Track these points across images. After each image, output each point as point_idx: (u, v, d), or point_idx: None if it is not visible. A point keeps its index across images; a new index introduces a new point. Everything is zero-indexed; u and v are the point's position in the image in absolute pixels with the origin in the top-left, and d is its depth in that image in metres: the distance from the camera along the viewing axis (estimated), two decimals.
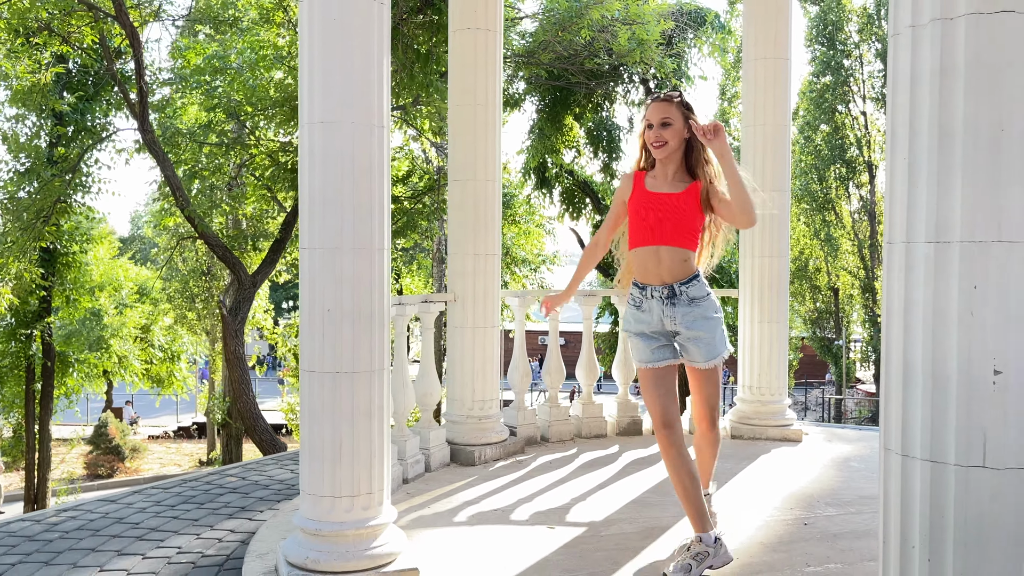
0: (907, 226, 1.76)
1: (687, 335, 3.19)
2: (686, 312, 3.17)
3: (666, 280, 3.17)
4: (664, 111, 3.14)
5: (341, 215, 3.01)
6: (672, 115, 3.13)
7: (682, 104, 3.16)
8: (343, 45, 2.99)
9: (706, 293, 3.20)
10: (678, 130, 3.13)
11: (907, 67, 1.76)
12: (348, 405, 3.02)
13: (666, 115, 3.13)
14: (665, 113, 3.13)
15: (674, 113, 3.13)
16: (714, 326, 3.19)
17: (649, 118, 3.18)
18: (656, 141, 3.14)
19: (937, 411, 1.71)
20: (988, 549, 1.66)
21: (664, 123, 3.14)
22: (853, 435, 5.97)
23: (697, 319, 3.16)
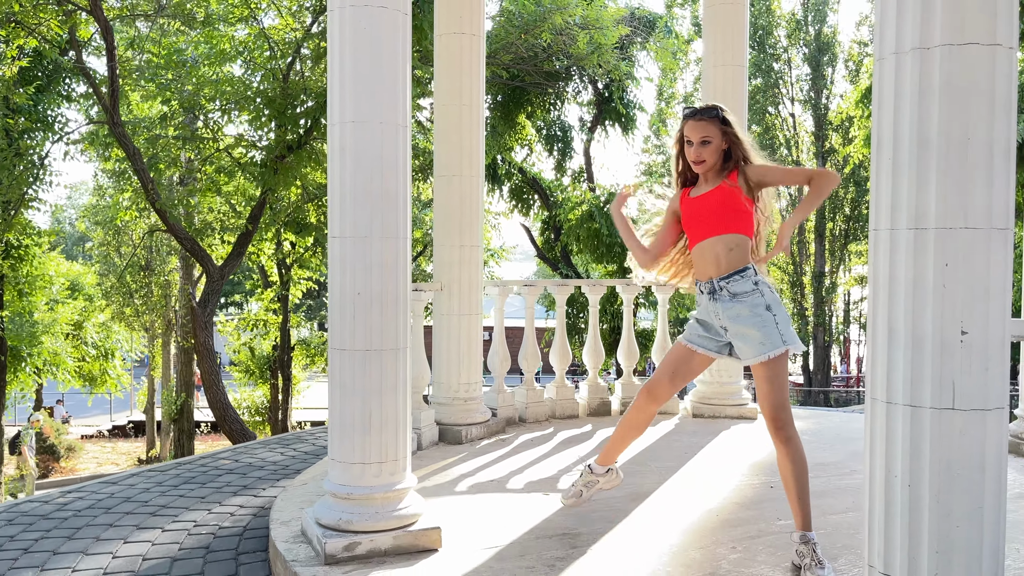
0: (891, 216, 2.16)
1: (732, 331, 3.16)
2: (728, 308, 3.14)
3: (711, 275, 3.17)
4: (704, 130, 3.16)
5: (371, 206, 3.29)
6: (711, 133, 3.16)
7: (720, 120, 3.18)
8: (372, 52, 3.28)
9: (750, 288, 3.11)
10: (717, 146, 3.17)
11: (891, 87, 2.16)
12: (377, 380, 3.31)
13: (705, 134, 3.16)
14: (704, 132, 3.16)
15: (712, 131, 3.16)
16: (760, 324, 3.08)
17: (688, 136, 3.20)
18: (697, 159, 3.17)
19: (915, 365, 2.11)
20: (956, 474, 2.07)
21: (704, 141, 3.16)
22: (802, 413, 6.50)
23: (741, 315, 3.11)
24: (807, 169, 3.21)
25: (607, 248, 13.18)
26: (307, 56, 9.47)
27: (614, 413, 6.32)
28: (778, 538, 3.47)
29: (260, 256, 13.69)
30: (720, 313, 3.18)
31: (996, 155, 2.07)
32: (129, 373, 28.85)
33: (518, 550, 3.33)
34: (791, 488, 3.15)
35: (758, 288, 3.13)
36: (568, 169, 15.28)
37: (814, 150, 30.08)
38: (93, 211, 20.35)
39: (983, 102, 2.05)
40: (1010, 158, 2.10)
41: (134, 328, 23.69)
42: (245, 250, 9.97)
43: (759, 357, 3.08)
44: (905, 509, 2.14)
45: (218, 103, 9.59)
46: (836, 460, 4.91)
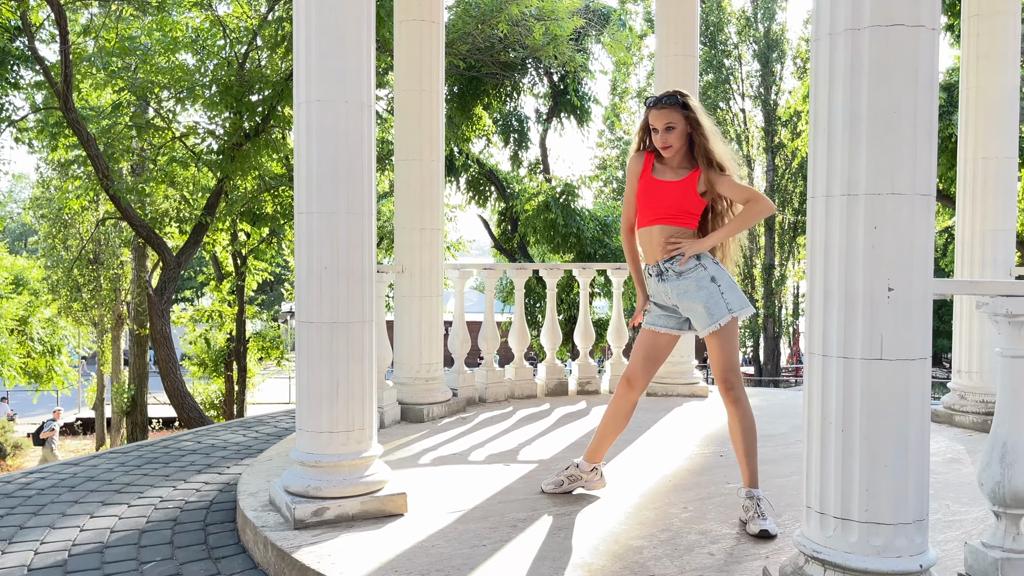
0: (826, 184, 2.35)
1: (683, 308, 3.39)
2: (675, 286, 3.37)
3: (657, 258, 3.41)
4: (667, 116, 3.33)
5: (336, 183, 3.40)
6: (675, 119, 3.33)
7: (682, 106, 3.35)
8: (337, 31, 3.38)
9: (693, 264, 3.34)
10: (681, 131, 3.35)
11: (826, 65, 2.35)
12: (343, 351, 3.42)
13: (669, 120, 3.33)
14: (668, 119, 3.33)
15: (676, 116, 3.33)
16: (706, 296, 3.31)
17: (654, 124, 3.36)
18: (663, 145, 3.35)
19: (849, 321, 2.31)
20: (884, 418, 2.27)
21: (668, 127, 3.34)
22: (750, 391, 6.75)
23: (688, 291, 3.34)
24: (749, 190, 3.40)
25: (563, 238, 13.39)
26: (263, 45, 9.44)
27: (571, 393, 6.50)
28: (727, 499, 3.67)
29: (215, 246, 13.60)
30: (669, 292, 3.42)
31: (919, 128, 2.27)
32: (77, 370, 28.28)
33: (481, 513, 3.47)
34: (739, 447, 3.38)
35: (700, 262, 3.37)
36: (524, 160, 15.45)
37: (764, 144, 30.74)
38: (37, 203, 19.87)
39: (908, 79, 2.25)
40: (932, 131, 2.30)
41: (82, 323, 23.23)
42: (202, 238, 9.92)
43: (710, 328, 3.33)
44: (839, 452, 2.33)
45: (171, 91, 9.52)
46: (782, 432, 5.15)
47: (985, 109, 5.25)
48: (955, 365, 5.43)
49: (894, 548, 2.26)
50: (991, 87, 5.23)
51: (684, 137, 3.38)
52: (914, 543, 2.28)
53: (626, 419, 3.65)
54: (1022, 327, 2.42)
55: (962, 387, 5.37)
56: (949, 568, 2.74)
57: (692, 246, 3.37)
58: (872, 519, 2.28)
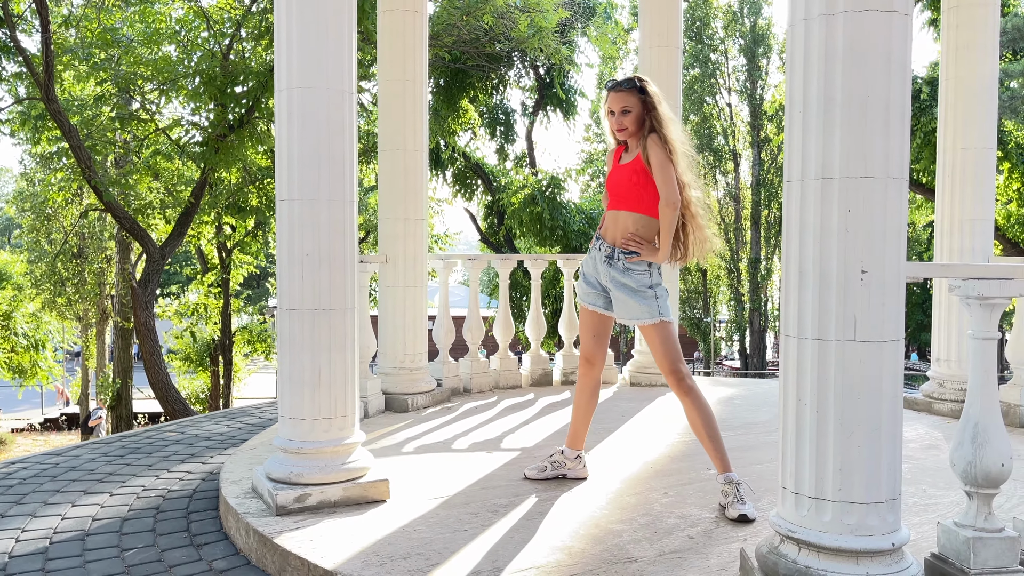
0: (802, 167, 2.38)
1: (613, 295, 3.54)
2: (616, 275, 3.48)
3: (616, 242, 3.50)
4: (623, 100, 3.44)
5: (318, 170, 3.40)
6: (630, 102, 3.43)
7: (638, 90, 3.44)
8: (319, 17, 3.38)
9: (644, 268, 3.44)
10: (637, 115, 3.44)
11: (801, 50, 2.37)
12: (326, 338, 3.43)
13: (624, 103, 3.44)
14: (624, 102, 3.44)
15: (632, 100, 3.43)
16: (639, 299, 3.44)
17: (610, 106, 3.48)
18: (618, 128, 3.47)
19: (823, 302, 2.34)
20: (857, 398, 2.30)
21: (624, 111, 3.45)
22: (734, 381, 6.81)
23: (626, 286, 3.46)
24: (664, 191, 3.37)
25: (549, 231, 13.41)
26: (247, 36, 9.38)
27: (555, 383, 6.52)
28: (707, 484, 3.71)
29: (200, 240, 13.53)
30: (608, 275, 3.52)
31: (892, 112, 2.29)
32: (61, 365, 28.09)
33: (463, 499, 3.49)
34: (702, 435, 3.45)
35: (648, 269, 3.48)
36: (511, 154, 15.45)
37: (750, 139, 30.87)
38: (20, 197, 19.72)
39: (881, 64, 2.27)
40: (905, 115, 2.33)
41: (66, 317, 23.08)
42: (186, 229, 9.86)
43: (636, 321, 3.48)
44: (813, 432, 2.36)
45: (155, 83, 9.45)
46: (763, 420, 5.20)
47: (964, 100, 5.30)
48: (934, 354, 5.49)
49: (867, 527, 2.30)
50: (970, 78, 5.28)
51: (639, 121, 3.46)
52: (886, 522, 2.32)
53: (594, 396, 3.74)
54: (992, 309, 2.45)
55: (941, 375, 5.44)
56: (924, 549, 2.78)
57: (649, 254, 3.46)
58: (845, 498, 2.31)
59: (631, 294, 3.46)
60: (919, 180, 15.35)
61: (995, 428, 2.45)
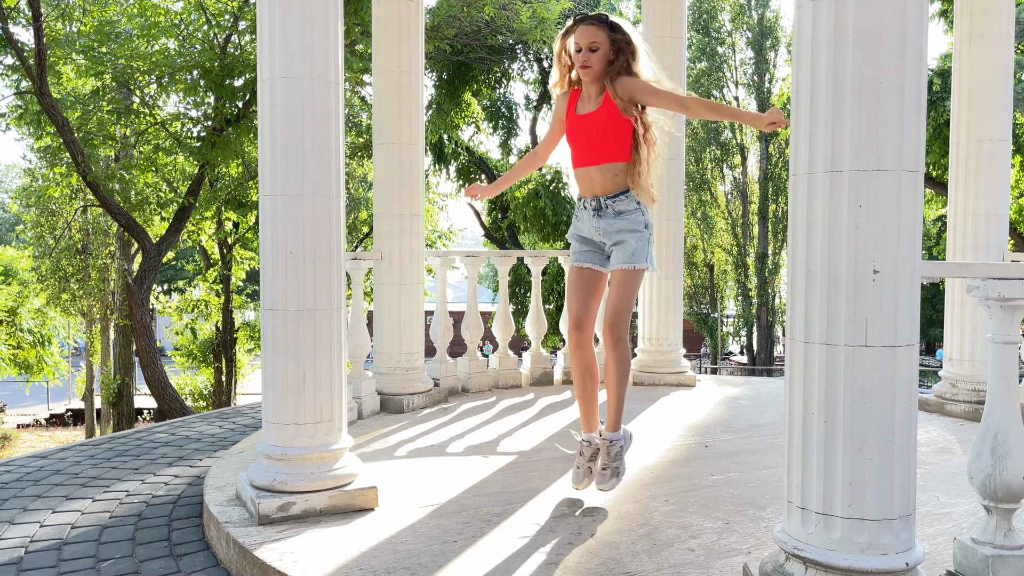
0: (809, 160, 2.22)
1: (611, 243, 3.32)
2: (610, 223, 3.29)
3: (597, 193, 3.31)
4: (593, 35, 3.19)
5: (302, 164, 3.25)
6: (600, 39, 3.19)
7: (609, 27, 3.22)
8: (302, 4, 3.22)
9: (634, 207, 3.27)
10: (604, 53, 3.19)
11: (809, 32, 2.21)
12: (311, 340, 3.28)
13: (594, 39, 3.19)
14: (593, 37, 3.19)
15: (602, 37, 3.19)
16: (637, 237, 3.26)
17: (578, 41, 3.22)
18: (583, 64, 3.20)
19: (831, 304, 2.18)
20: (868, 408, 2.14)
21: (592, 47, 3.19)
22: (739, 380, 6.64)
23: (620, 230, 3.27)
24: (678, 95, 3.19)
25: (553, 227, 13.24)
26: (245, 29, 9.24)
27: (556, 383, 6.37)
28: (710, 491, 3.55)
29: (201, 235, 13.42)
30: (602, 228, 3.33)
31: (907, 99, 2.13)
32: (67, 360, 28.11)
33: (454, 508, 3.34)
34: (612, 389, 3.34)
35: (640, 208, 3.30)
36: (514, 148, 15.27)
37: (757, 133, 30.59)
38: (25, 192, 19.65)
39: (895, 47, 2.11)
40: (920, 103, 2.17)
41: (71, 313, 23.06)
42: (183, 226, 9.73)
43: (626, 264, 3.26)
44: (821, 443, 2.21)
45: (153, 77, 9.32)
46: (769, 422, 5.04)
47: (978, 91, 5.12)
48: (946, 353, 5.32)
49: (879, 545, 2.14)
50: (984, 68, 5.09)
51: (605, 61, 3.21)
52: (900, 540, 2.16)
53: (593, 369, 3.43)
54: (1014, 311, 2.29)
55: (953, 375, 5.26)
56: (938, 564, 2.62)
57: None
58: (856, 515, 2.15)
59: (628, 234, 3.27)
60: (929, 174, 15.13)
61: (1017, 439, 2.29)
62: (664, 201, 6.21)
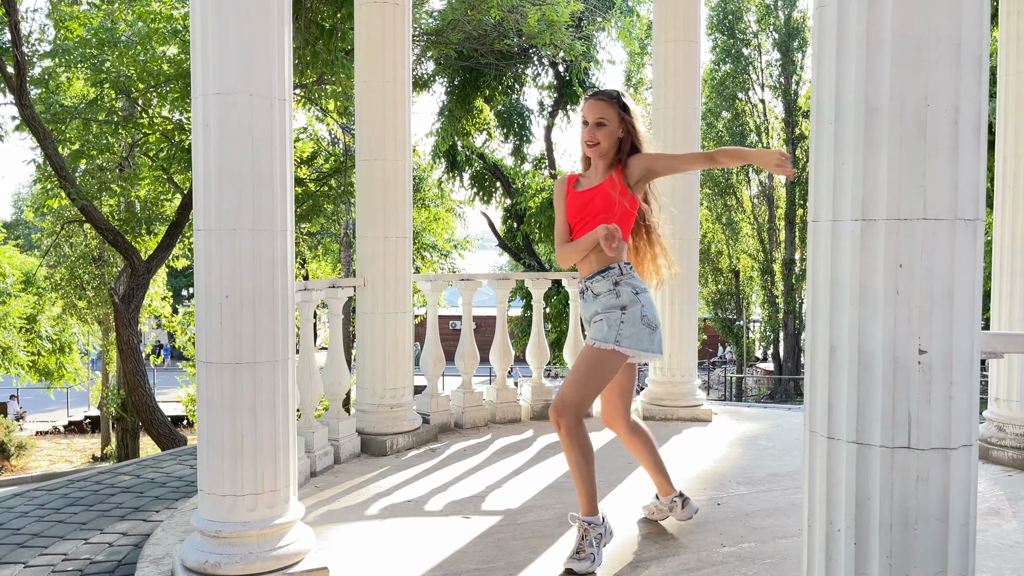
0: (833, 203, 1.72)
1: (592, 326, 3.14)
2: (590, 307, 3.12)
3: (584, 275, 3.13)
4: (600, 111, 3.06)
5: (240, 194, 2.80)
6: (608, 115, 3.05)
7: (619, 104, 3.07)
8: (240, 10, 2.78)
9: (608, 289, 3.05)
10: (612, 131, 3.06)
11: (833, 39, 1.71)
12: (250, 398, 2.83)
13: (602, 115, 3.05)
14: (601, 113, 3.06)
15: (610, 113, 3.05)
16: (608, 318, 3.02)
17: (585, 115, 3.10)
18: (589, 140, 3.07)
19: (863, 392, 1.68)
20: (914, 530, 1.65)
21: (599, 123, 3.06)
22: (758, 414, 6.10)
23: (597, 312, 3.08)
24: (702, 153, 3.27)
25: None
26: None
27: None
28: (719, 570, 3.05)
29: None
30: (585, 314, 3.17)
31: (962, 125, 1.63)
32: (87, 367, 28.09)
33: None
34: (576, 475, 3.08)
35: (615, 289, 3.06)
36: (528, 155, 14.80)
37: (784, 136, 29.89)
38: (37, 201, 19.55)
39: (947, 57, 1.61)
40: (980, 130, 1.66)
41: (87, 321, 22.97)
42: (175, 242, 9.36)
43: (590, 341, 3.07)
44: (850, 571, 1.70)
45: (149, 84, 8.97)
46: (791, 470, 4.51)
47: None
48: (992, 391, 4.76)
49: None
50: None
51: (613, 139, 3.09)
52: None
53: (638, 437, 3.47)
54: None
55: (1000, 417, 4.69)
56: None
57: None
58: None
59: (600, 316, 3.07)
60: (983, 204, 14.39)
61: None
62: (678, 220, 5.69)
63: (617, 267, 3.06)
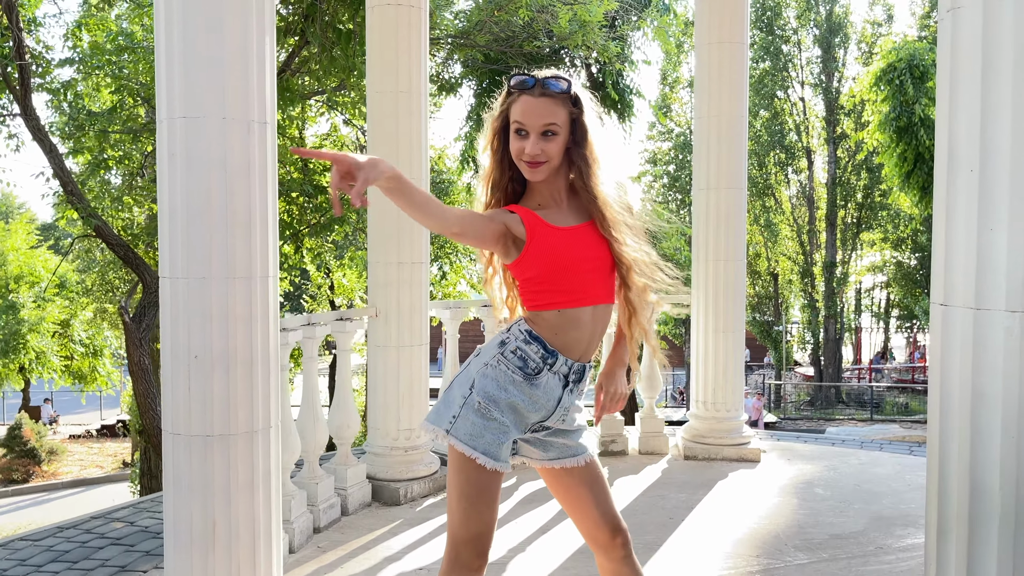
0: (964, 288, 1.22)
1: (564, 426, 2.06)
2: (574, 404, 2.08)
3: (586, 356, 2.04)
4: (548, 113, 1.91)
5: (210, 236, 2.37)
6: (560, 119, 1.92)
7: (572, 100, 1.95)
8: (211, 16, 2.34)
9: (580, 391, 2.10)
10: (562, 141, 1.94)
11: (976, 54, 1.21)
12: (223, 476, 2.40)
13: (551, 120, 1.91)
14: (550, 117, 1.91)
15: (562, 116, 1.92)
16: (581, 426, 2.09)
17: (520, 120, 1.93)
18: (533, 159, 1.92)
19: None
20: None
21: (547, 131, 1.92)
22: (812, 452, 5.55)
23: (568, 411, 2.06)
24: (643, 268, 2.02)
25: None
26: None
27: (632, 453, 5.38)
28: None
29: None
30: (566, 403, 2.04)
31: None
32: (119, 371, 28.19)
33: None
34: None
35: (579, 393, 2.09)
36: None
37: (825, 135, 29.07)
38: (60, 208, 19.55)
39: None
40: None
41: (118, 327, 22.98)
42: None
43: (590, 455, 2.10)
44: None
45: None
46: (858, 530, 3.97)
47: None
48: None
49: None
50: None
51: (561, 153, 1.95)
52: None
53: None
54: None
55: None
56: None
57: None
58: None
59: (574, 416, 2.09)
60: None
61: None
62: (723, 240, 5.20)
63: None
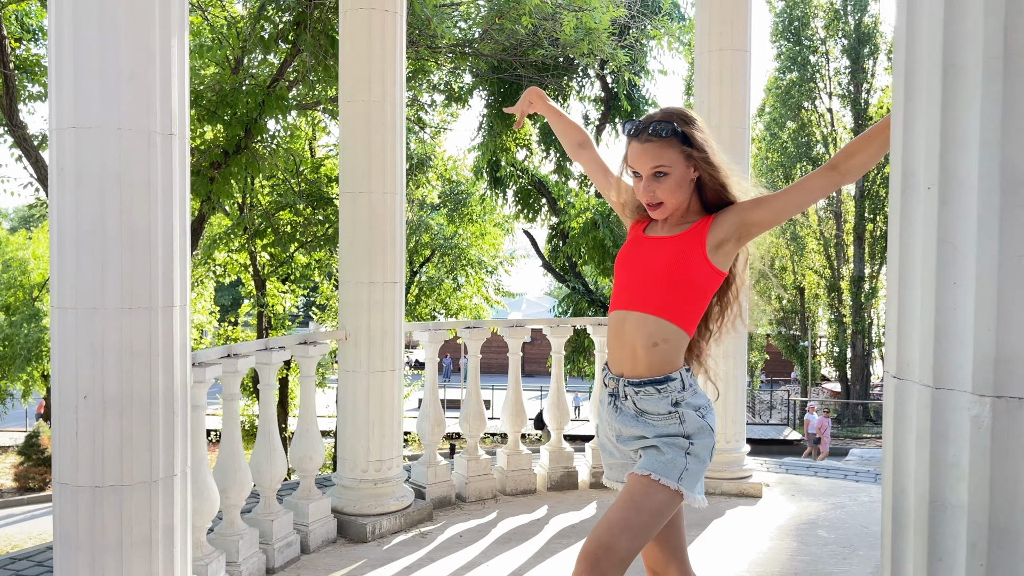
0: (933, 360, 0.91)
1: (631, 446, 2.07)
2: (627, 424, 2.05)
3: (623, 370, 2.05)
4: (656, 156, 1.97)
5: (103, 262, 2.11)
6: (668, 159, 1.97)
7: (680, 138, 1.99)
8: (105, 11, 2.08)
9: (666, 411, 2.00)
10: (680, 178, 1.99)
11: None
12: (114, 532, 2.12)
13: (660, 162, 1.97)
14: (658, 160, 1.97)
15: (671, 156, 1.97)
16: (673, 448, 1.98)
17: (633, 165, 2.01)
18: (649, 200, 2.01)
19: None
20: None
21: (657, 172, 1.98)
22: (820, 488, 5.17)
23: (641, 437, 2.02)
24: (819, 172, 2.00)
25: (612, 260, 11.90)
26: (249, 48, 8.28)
27: (582, 486, 5.04)
28: None
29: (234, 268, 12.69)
30: (616, 429, 2.09)
31: None
32: None
33: None
34: None
35: (676, 412, 1.99)
36: (573, 172, 13.99)
37: None
38: None
39: None
40: None
41: None
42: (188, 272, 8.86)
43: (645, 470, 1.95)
44: None
45: None
46: (863, 574, 3.61)
47: None
48: None
49: None
50: None
51: (685, 186, 2.02)
52: None
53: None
54: None
55: None
56: None
57: None
58: None
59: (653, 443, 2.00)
60: None
61: None
62: None
63: (679, 378, 2.01)
